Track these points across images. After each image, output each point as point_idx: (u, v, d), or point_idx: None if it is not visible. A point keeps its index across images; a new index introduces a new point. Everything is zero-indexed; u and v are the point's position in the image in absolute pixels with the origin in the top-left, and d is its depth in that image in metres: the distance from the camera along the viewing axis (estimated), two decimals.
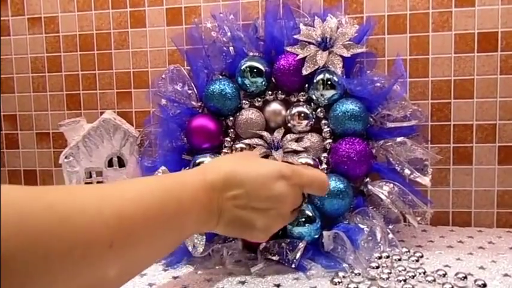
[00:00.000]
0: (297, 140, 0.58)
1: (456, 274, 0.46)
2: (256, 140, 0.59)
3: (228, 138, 0.61)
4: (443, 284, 0.44)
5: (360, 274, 0.47)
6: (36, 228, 0.26)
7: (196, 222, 0.40)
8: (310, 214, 0.53)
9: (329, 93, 0.58)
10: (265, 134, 0.59)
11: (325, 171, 0.57)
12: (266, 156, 0.57)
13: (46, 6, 0.77)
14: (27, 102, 0.80)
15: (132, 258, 0.34)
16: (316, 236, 0.52)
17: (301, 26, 0.60)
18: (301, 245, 0.51)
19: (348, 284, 0.45)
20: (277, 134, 0.59)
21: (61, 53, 0.77)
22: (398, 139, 0.57)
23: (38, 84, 0.79)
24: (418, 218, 0.56)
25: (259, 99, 0.62)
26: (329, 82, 0.57)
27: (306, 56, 0.58)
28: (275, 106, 0.61)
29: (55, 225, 0.27)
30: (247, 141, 0.59)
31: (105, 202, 0.32)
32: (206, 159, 0.58)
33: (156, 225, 0.35)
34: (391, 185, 0.56)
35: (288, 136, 0.58)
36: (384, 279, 0.46)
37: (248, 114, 0.61)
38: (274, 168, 0.44)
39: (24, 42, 0.79)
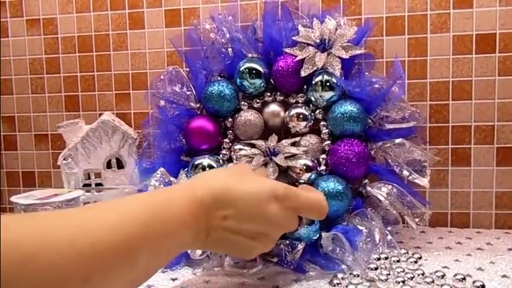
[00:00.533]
0: (294, 143, 0.58)
1: (455, 275, 0.46)
2: (253, 150, 0.58)
3: (227, 140, 0.61)
4: (442, 285, 0.44)
5: (358, 275, 0.47)
6: None
7: (182, 243, 0.39)
8: None
9: (328, 94, 0.58)
10: (258, 142, 0.58)
11: (324, 173, 0.57)
12: (266, 164, 0.57)
13: (45, 8, 0.77)
14: (26, 104, 0.80)
15: None
16: (315, 238, 0.52)
17: (300, 28, 0.60)
18: (300, 246, 0.51)
19: (347, 286, 0.45)
20: (271, 141, 0.58)
21: (59, 54, 0.77)
22: (397, 140, 0.57)
23: (36, 86, 0.79)
24: (417, 219, 0.56)
25: (258, 101, 0.62)
26: (328, 83, 0.58)
27: (304, 58, 0.58)
28: (274, 107, 0.61)
29: (19, 266, 0.26)
30: (243, 152, 0.58)
31: (82, 234, 0.30)
32: (205, 161, 0.58)
33: (139, 251, 0.34)
34: (390, 187, 0.56)
35: (284, 142, 0.57)
36: (382, 280, 0.46)
37: (247, 115, 0.61)
38: (269, 188, 0.42)
39: (22, 43, 0.78)
